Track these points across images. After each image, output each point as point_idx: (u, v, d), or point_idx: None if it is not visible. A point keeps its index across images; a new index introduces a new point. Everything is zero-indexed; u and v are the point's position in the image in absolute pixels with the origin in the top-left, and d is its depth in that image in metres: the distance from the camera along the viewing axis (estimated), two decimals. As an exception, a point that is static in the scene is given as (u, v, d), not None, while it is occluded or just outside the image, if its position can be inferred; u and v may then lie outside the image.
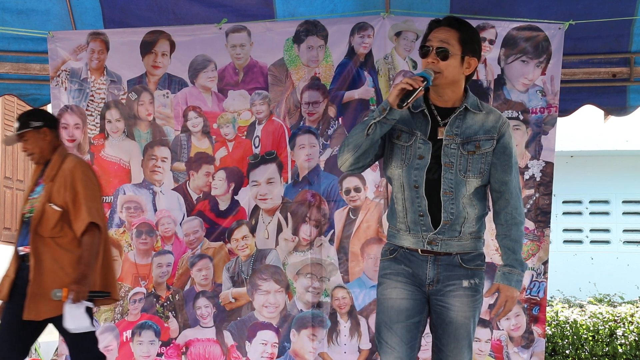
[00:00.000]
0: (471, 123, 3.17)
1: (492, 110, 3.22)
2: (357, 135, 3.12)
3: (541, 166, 4.40)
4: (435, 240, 3.13)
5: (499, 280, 3.16)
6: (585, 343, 7.93)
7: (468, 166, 3.13)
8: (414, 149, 3.15)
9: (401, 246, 3.19)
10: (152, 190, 4.62)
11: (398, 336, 3.14)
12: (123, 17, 4.67)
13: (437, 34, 3.14)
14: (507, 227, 3.19)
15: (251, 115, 4.59)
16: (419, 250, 3.16)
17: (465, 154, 3.14)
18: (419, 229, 3.15)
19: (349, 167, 3.16)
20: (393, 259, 3.20)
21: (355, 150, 3.12)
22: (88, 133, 4.65)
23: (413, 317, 3.15)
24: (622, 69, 4.63)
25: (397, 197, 3.20)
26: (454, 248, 3.15)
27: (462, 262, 3.16)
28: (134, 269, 4.62)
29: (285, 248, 4.54)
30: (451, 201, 3.12)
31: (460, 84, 3.17)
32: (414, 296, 3.16)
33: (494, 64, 4.42)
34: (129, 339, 4.60)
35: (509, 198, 3.19)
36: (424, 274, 3.15)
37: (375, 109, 3.10)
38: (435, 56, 3.10)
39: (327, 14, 4.53)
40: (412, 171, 3.14)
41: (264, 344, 4.52)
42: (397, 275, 3.18)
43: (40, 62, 4.84)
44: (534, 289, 4.38)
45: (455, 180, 3.12)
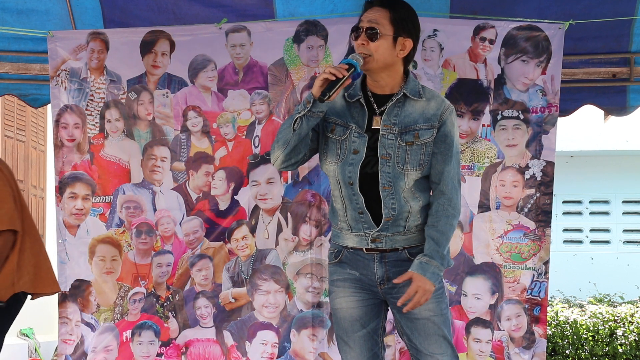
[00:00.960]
0: (410, 111, 3.00)
1: (435, 95, 3.06)
2: (285, 130, 2.96)
3: (542, 166, 4.40)
4: (378, 237, 2.98)
5: (415, 269, 2.94)
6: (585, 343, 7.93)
7: (406, 158, 2.97)
8: (348, 143, 3.00)
9: (345, 246, 3.05)
10: (151, 190, 4.62)
11: (357, 348, 3.01)
12: (123, 17, 4.67)
13: (368, 14, 3.00)
14: (436, 218, 2.99)
15: (251, 115, 4.59)
16: (363, 249, 3.01)
17: (403, 145, 2.97)
18: (360, 227, 2.99)
19: (280, 164, 3.02)
20: (338, 263, 3.06)
21: (285, 146, 2.96)
22: (87, 133, 4.64)
23: (369, 324, 3.02)
24: (622, 69, 4.62)
25: (334, 195, 3.05)
26: (400, 243, 3.00)
27: (410, 256, 3.00)
28: (134, 269, 4.61)
29: (285, 248, 4.54)
30: (391, 196, 2.96)
31: (396, 68, 3.01)
32: (365, 302, 3.02)
33: (494, 64, 4.42)
34: (128, 339, 4.60)
35: (443, 189, 3.01)
36: (373, 274, 3.01)
37: (300, 103, 2.95)
38: (365, 37, 2.96)
39: (327, 14, 4.53)
40: (346, 167, 2.99)
41: (264, 344, 4.52)
42: (344, 282, 3.04)
43: (40, 62, 4.83)
44: (534, 289, 4.38)
45: (394, 174, 2.96)
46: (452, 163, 3.03)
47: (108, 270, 4.60)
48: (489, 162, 4.42)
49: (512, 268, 4.38)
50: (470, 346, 4.40)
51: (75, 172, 4.63)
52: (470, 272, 4.41)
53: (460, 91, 4.43)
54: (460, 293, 4.41)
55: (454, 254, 4.36)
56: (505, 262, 4.39)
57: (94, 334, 4.59)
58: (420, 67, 4.45)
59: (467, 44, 4.43)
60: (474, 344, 4.40)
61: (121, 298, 4.60)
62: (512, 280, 4.38)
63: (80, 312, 4.60)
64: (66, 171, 4.63)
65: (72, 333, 4.59)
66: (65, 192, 4.62)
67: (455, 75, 4.44)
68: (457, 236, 4.38)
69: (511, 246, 4.39)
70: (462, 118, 4.42)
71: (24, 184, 9.13)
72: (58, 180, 4.64)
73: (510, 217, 4.39)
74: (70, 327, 4.59)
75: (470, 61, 4.43)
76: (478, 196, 4.41)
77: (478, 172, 4.42)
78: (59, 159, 4.65)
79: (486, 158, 4.42)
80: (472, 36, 4.42)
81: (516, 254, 4.38)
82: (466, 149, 4.42)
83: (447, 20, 4.46)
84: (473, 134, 4.43)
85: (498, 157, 4.42)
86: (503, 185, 4.40)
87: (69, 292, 4.60)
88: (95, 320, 4.60)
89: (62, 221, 4.61)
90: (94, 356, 4.56)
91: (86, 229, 4.61)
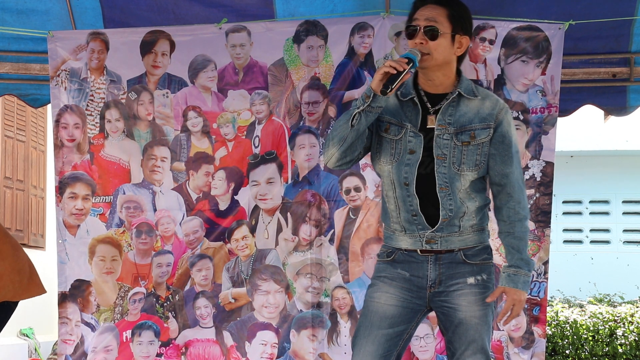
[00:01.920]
0: (465, 110, 2.94)
1: (489, 95, 3.00)
2: (341, 127, 2.88)
3: (541, 166, 4.40)
4: (433, 238, 2.93)
5: (505, 282, 2.94)
6: (585, 343, 7.94)
7: (462, 158, 2.92)
8: (404, 143, 2.93)
9: (399, 248, 2.99)
10: (151, 190, 4.62)
11: (375, 345, 2.93)
12: (123, 17, 4.67)
13: (423, 12, 2.92)
14: (510, 224, 2.97)
15: (251, 115, 4.59)
16: (417, 250, 2.96)
17: (459, 145, 2.91)
18: (415, 228, 2.94)
19: (335, 162, 2.94)
20: (391, 261, 3.00)
21: (341, 143, 2.88)
22: (88, 133, 4.64)
23: (397, 326, 2.95)
24: (622, 69, 4.62)
25: (388, 196, 2.99)
26: (456, 244, 2.94)
27: (465, 258, 2.95)
28: (134, 269, 4.61)
29: (285, 248, 4.54)
30: (448, 197, 2.90)
31: (452, 66, 2.95)
32: (405, 304, 2.96)
33: (494, 64, 4.42)
34: (128, 339, 4.60)
35: (511, 192, 2.96)
36: (425, 276, 2.95)
37: (359, 98, 2.88)
38: (424, 36, 2.88)
39: (327, 14, 4.53)
40: (402, 167, 2.93)
41: (263, 344, 4.52)
42: (392, 280, 2.97)
43: (40, 62, 4.83)
44: (534, 289, 4.38)
45: (450, 174, 2.91)
46: (514, 164, 2.98)
47: (108, 270, 4.60)
48: (489, 162, 4.41)
49: (511, 268, 4.38)
50: (470, 346, 4.39)
51: (75, 172, 4.63)
52: (470, 272, 4.41)
53: (460, 91, 4.43)
54: (460, 293, 4.40)
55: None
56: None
57: (94, 334, 4.58)
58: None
59: (467, 44, 4.42)
60: (473, 344, 4.39)
61: (121, 298, 4.60)
62: (512, 280, 4.37)
63: (80, 312, 4.59)
64: (66, 171, 4.63)
65: (72, 333, 4.59)
66: (65, 192, 4.62)
67: (455, 75, 4.44)
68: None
69: (511, 246, 4.38)
70: (462, 118, 4.42)
71: (24, 184, 9.14)
72: (58, 180, 4.64)
73: (510, 218, 4.38)
74: (70, 327, 4.59)
75: (470, 61, 4.43)
76: (478, 196, 4.40)
77: (478, 172, 4.42)
78: (59, 159, 4.65)
79: (486, 158, 4.42)
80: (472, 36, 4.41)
81: (516, 254, 4.38)
82: (466, 149, 4.42)
83: (447, 20, 4.45)
84: (473, 134, 4.42)
85: (498, 157, 4.41)
86: (503, 186, 4.39)
87: (69, 292, 4.60)
88: (95, 320, 4.60)
89: (62, 221, 4.61)
90: (94, 356, 4.56)
91: (86, 229, 4.61)
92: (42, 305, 8.79)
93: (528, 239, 3.01)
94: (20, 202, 9.06)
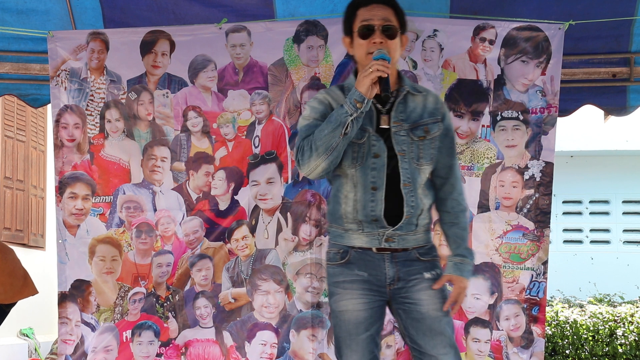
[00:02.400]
0: (413, 106, 2.99)
1: (428, 90, 3.07)
2: (327, 137, 2.85)
3: (541, 166, 4.40)
4: (392, 236, 2.94)
5: (451, 271, 2.98)
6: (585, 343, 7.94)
7: (420, 153, 2.96)
8: (367, 147, 2.94)
9: (351, 246, 2.98)
10: (151, 190, 4.62)
11: (359, 352, 2.95)
12: (123, 17, 4.67)
13: (374, 12, 2.93)
14: (454, 215, 3.02)
15: (251, 115, 4.59)
16: (373, 249, 2.97)
17: (416, 140, 2.96)
18: (374, 227, 2.94)
19: (321, 172, 2.91)
20: (345, 264, 2.99)
21: (329, 153, 2.86)
22: (88, 133, 4.65)
23: (372, 327, 2.98)
24: (622, 69, 4.62)
25: (347, 197, 2.98)
26: (410, 243, 2.97)
27: (419, 256, 2.98)
28: (134, 269, 4.61)
29: (285, 248, 4.54)
30: (411, 193, 2.93)
31: (396, 65, 3.00)
32: (371, 304, 2.97)
33: (493, 64, 4.42)
34: (128, 339, 4.60)
35: (454, 183, 3.03)
36: (383, 274, 2.97)
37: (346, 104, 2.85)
38: (382, 35, 2.90)
39: (327, 14, 4.53)
40: (368, 171, 2.94)
41: (263, 344, 4.52)
42: (352, 284, 2.97)
43: (40, 62, 4.83)
44: (533, 289, 4.38)
45: (411, 170, 2.94)
46: (456, 156, 3.07)
47: (108, 270, 4.61)
48: (489, 163, 4.42)
49: (511, 268, 4.39)
50: (469, 346, 4.40)
51: (75, 172, 4.63)
52: (470, 272, 4.41)
53: (460, 92, 4.43)
54: (460, 293, 4.41)
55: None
56: (504, 262, 4.39)
57: (94, 334, 4.59)
58: (420, 68, 4.45)
59: (467, 45, 4.43)
60: (472, 344, 4.40)
61: (121, 298, 4.60)
62: (511, 280, 4.38)
63: (80, 312, 4.59)
64: (66, 171, 4.64)
65: (72, 333, 4.59)
66: (65, 192, 4.62)
67: (455, 75, 4.45)
68: (457, 236, 4.38)
69: (510, 246, 4.39)
70: (462, 119, 4.42)
71: (24, 184, 9.13)
72: (58, 180, 4.64)
73: (510, 218, 4.39)
74: (70, 327, 4.59)
75: (470, 61, 4.43)
76: (477, 196, 4.41)
77: (477, 173, 4.43)
78: (59, 159, 4.66)
79: (486, 158, 4.42)
80: (472, 36, 4.42)
81: (515, 254, 4.39)
82: (466, 149, 4.42)
83: (447, 20, 4.46)
84: (473, 135, 4.43)
85: (497, 157, 4.42)
86: (502, 186, 4.41)
87: (69, 292, 4.60)
88: (95, 320, 4.60)
89: (62, 221, 4.61)
90: (94, 356, 4.56)
91: (86, 229, 4.62)
92: (42, 305, 8.80)
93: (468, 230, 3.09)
94: (20, 202, 9.06)
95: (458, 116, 4.42)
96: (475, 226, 4.40)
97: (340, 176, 3.01)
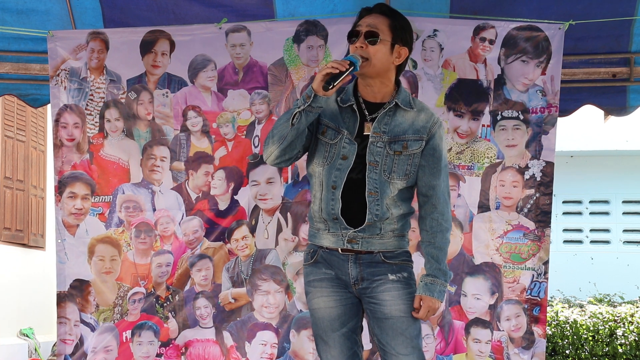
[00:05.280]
0: (400, 121, 3.03)
1: (425, 108, 3.09)
2: (281, 126, 2.97)
3: (541, 166, 4.40)
4: (355, 238, 3.01)
5: (422, 291, 3.02)
6: (585, 343, 7.93)
7: (393, 167, 3.01)
8: (338, 148, 3.02)
9: (321, 246, 3.07)
10: (151, 190, 4.62)
11: (337, 347, 3.03)
12: (123, 17, 4.66)
13: (367, 20, 3.04)
14: (431, 234, 3.06)
15: (251, 115, 4.59)
16: (338, 249, 3.04)
17: (391, 154, 3.01)
18: (338, 227, 3.01)
19: (274, 159, 3.01)
20: (314, 263, 3.08)
21: (281, 141, 2.96)
22: (87, 132, 4.64)
23: (348, 323, 3.05)
24: (622, 69, 4.62)
25: (315, 196, 3.08)
26: (376, 246, 3.02)
27: (385, 259, 3.03)
28: (133, 269, 4.61)
29: (285, 248, 4.54)
30: (376, 202, 2.99)
31: (390, 76, 3.04)
32: (343, 301, 3.05)
33: (494, 64, 4.42)
34: (128, 339, 4.59)
35: (435, 203, 3.06)
36: (347, 274, 3.04)
37: (300, 98, 2.96)
38: (364, 40, 2.98)
39: (327, 14, 4.53)
40: (333, 171, 3.01)
41: (263, 344, 4.51)
42: (321, 282, 3.06)
43: (40, 62, 4.83)
44: (534, 289, 4.38)
45: (380, 181, 2.99)
46: (442, 176, 3.08)
47: (107, 270, 4.60)
48: (489, 163, 4.42)
49: (511, 268, 4.38)
50: (469, 346, 4.39)
51: (74, 172, 4.63)
52: (470, 272, 4.41)
53: (460, 91, 4.43)
54: (460, 293, 4.41)
55: (453, 254, 4.37)
56: (504, 262, 4.39)
57: (94, 334, 4.58)
58: (420, 67, 4.45)
59: (467, 44, 4.42)
60: (473, 344, 4.39)
61: (121, 298, 4.59)
62: (512, 280, 4.38)
63: (79, 312, 4.59)
64: (65, 171, 4.63)
65: (71, 333, 4.59)
66: (64, 191, 4.62)
67: (455, 75, 4.44)
68: (457, 236, 4.38)
69: (511, 246, 4.38)
70: (462, 118, 4.42)
71: (24, 184, 9.13)
72: (57, 179, 4.64)
73: (510, 218, 4.39)
74: (69, 327, 4.59)
75: (470, 61, 4.43)
76: (478, 196, 4.41)
77: (478, 173, 4.42)
78: (58, 158, 4.65)
79: (486, 158, 4.42)
80: (472, 36, 4.42)
81: (516, 254, 4.38)
82: (466, 149, 4.42)
83: (447, 20, 4.45)
84: (473, 134, 4.43)
85: (498, 157, 4.42)
86: (503, 186, 4.40)
87: (68, 292, 4.59)
88: (94, 320, 4.59)
89: (61, 221, 4.61)
90: (94, 356, 4.56)
91: (85, 229, 4.61)
92: (42, 305, 8.81)
93: (447, 251, 3.11)
94: (20, 202, 9.06)
95: (458, 116, 4.42)
96: (475, 226, 4.40)
97: (313, 175, 3.09)
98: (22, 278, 8.84)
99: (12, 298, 8.56)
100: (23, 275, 8.87)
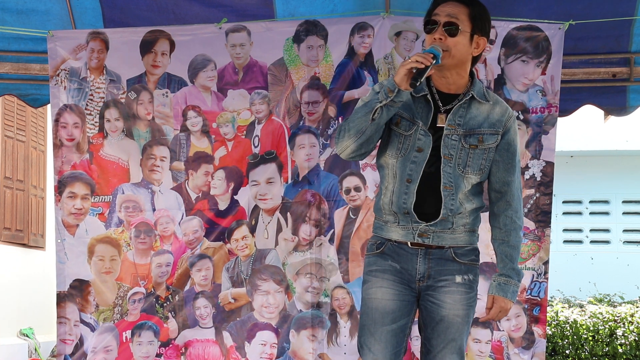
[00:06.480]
0: (476, 114, 2.95)
1: (499, 101, 3.01)
2: (359, 119, 2.86)
3: (541, 166, 4.40)
4: (427, 232, 2.93)
5: (495, 291, 2.98)
6: (585, 343, 7.93)
7: (468, 161, 2.93)
8: (413, 140, 2.93)
9: (389, 239, 2.98)
10: (150, 190, 4.62)
11: (382, 342, 2.93)
12: (123, 17, 4.67)
13: (445, 8, 2.91)
14: (505, 232, 3.00)
15: (251, 115, 4.58)
16: (408, 243, 2.96)
17: (466, 147, 2.93)
18: (408, 221, 2.94)
19: (350, 153, 2.92)
20: (380, 254, 2.99)
21: (358, 136, 2.87)
22: (87, 132, 4.64)
23: (399, 320, 2.95)
24: (622, 69, 4.62)
25: (387, 188, 2.99)
26: (447, 241, 2.95)
27: (455, 256, 2.96)
28: (133, 269, 4.61)
29: (285, 248, 4.53)
30: (451, 196, 2.91)
31: (466, 67, 2.95)
32: (401, 297, 2.96)
33: (494, 64, 4.42)
34: (128, 340, 4.59)
35: (510, 200, 2.99)
36: (414, 269, 2.95)
37: (380, 90, 2.84)
38: (443, 32, 2.87)
39: (327, 14, 4.53)
40: (408, 164, 2.93)
41: (263, 344, 4.51)
42: (384, 273, 2.97)
43: (40, 62, 4.83)
44: (534, 289, 4.37)
45: (454, 175, 2.92)
46: (516, 173, 3.01)
47: (107, 270, 4.60)
48: (489, 162, 4.41)
49: (511, 268, 4.37)
50: (469, 346, 4.39)
51: (74, 172, 4.63)
52: (470, 272, 4.40)
53: (460, 91, 4.42)
54: (460, 293, 4.40)
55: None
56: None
57: (94, 334, 4.58)
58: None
59: (467, 44, 4.42)
60: (473, 345, 4.39)
61: (120, 298, 4.59)
62: (512, 280, 4.37)
63: (79, 312, 4.59)
64: (65, 170, 4.63)
65: (70, 333, 4.59)
66: (64, 191, 4.62)
67: (455, 75, 4.44)
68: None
69: (511, 246, 4.37)
70: (462, 118, 4.42)
71: (24, 184, 9.13)
72: (57, 179, 4.64)
73: (510, 217, 4.38)
74: (69, 327, 4.59)
75: (470, 61, 4.42)
76: (478, 196, 4.40)
77: (478, 172, 4.42)
78: (58, 158, 4.65)
79: (486, 158, 4.41)
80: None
81: (516, 254, 4.38)
82: (466, 149, 4.42)
83: (447, 20, 4.45)
84: (473, 134, 4.42)
85: (498, 157, 4.41)
86: (503, 186, 4.39)
87: (68, 292, 4.59)
88: (94, 320, 4.59)
89: (61, 221, 4.61)
90: (94, 356, 4.56)
91: (85, 229, 4.61)
92: (42, 305, 8.81)
93: (520, 249, 3.04)
94: (20, 202, 9.05)
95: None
96: (475, 226, 4.39)
97: (384, 167, 3.00)
98: (22, 278, 8.85)
99: (12, 298, 8.56)
100: (23, 275, 8.88)
